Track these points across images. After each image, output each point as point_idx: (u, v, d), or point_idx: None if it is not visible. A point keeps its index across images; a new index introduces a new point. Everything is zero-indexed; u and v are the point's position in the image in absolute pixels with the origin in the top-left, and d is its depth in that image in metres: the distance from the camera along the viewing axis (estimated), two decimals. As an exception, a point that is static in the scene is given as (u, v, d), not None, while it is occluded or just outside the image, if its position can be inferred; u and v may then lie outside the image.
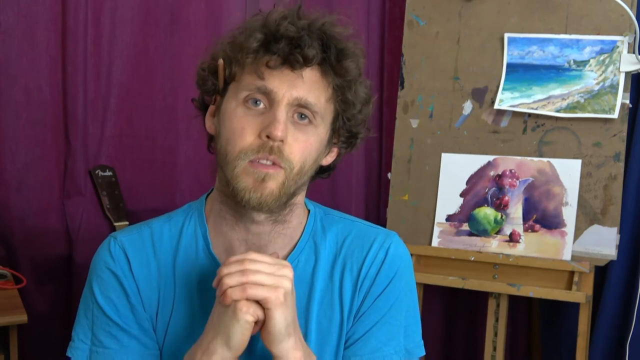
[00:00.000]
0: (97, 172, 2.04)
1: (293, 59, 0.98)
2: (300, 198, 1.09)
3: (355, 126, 1.08)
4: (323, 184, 2.35)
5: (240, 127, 0.99)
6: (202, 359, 0.96)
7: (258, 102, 1.00)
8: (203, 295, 1.07)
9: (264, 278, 0.93)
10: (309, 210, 1.14)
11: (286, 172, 0.99)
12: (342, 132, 1.07)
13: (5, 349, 1.69)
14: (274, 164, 0.98)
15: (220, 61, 1.04)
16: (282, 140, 0.98)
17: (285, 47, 0.98)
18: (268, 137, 0.97)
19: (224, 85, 1.05)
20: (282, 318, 0.94)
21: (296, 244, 1.10)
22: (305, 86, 1.00)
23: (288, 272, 0.96)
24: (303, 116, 1.01)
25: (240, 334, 0.94)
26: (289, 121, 0.99)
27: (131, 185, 2.10)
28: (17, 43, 1.95)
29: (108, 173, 2.06)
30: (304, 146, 1.00)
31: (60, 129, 2.02)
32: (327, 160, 1.10)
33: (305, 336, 1.06)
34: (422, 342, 1.14)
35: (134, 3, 2.08)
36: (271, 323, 0.94)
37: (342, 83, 1.03)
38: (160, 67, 2.12)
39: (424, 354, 1.14)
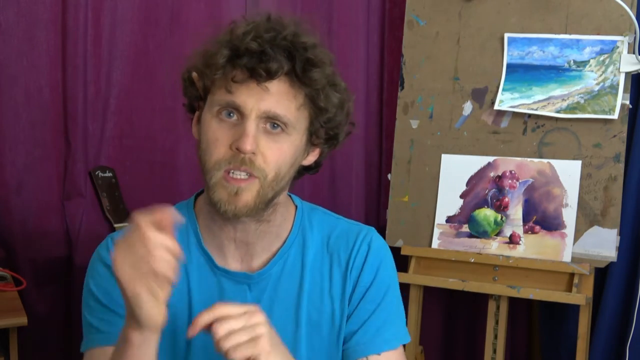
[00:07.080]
0: (97, 173, 2.04)
1: (257, 73, 1.01)
2: (283, 197, 1.13)
3: (332, 128, 1.11)
4: (323, 185, 2.35)
5: (214, 139, 1.03)
6: None
7: (231, 114, 1.03)
8: (198, 283, 1.11)
9: (240, 337, 0.91)
10: (295, 206, 1.18)
11: (260, 180, 1.03)
12: (320, 134, 1.10)
13: (5, 351, 1.69)
14: (249, 175, 1.02)
15: (194, 74, 1.09)
16: (253, 153, 1.02)
17: (249, 62, 1.01)
18: (238, 149, 1.01)
19: (204, 93, 1.09)
20: None
21: (285, 239, 1.14)
22: (272, 98, 1.02)
23: (259, 317, 0.94)
24: (275, 125, 1.04)
25: None
26: (260, 132, 1.03)
27: (131, 187, 2.10)
28: (17, 43, 1.94)
29: (108, 174, 2.05)
30: (278, 154, 1.04)
31: (60, 129, 2.01)
32: (309, 160, 1.13)
33: (296, 329, 1.11)
34: (407, 330, 1.19)
35: (134, 3, 2.08)
36: None
37: (310, 92, 1.05)
38: (160, 67, 2.11)
39: (409, 340, 1.18)
